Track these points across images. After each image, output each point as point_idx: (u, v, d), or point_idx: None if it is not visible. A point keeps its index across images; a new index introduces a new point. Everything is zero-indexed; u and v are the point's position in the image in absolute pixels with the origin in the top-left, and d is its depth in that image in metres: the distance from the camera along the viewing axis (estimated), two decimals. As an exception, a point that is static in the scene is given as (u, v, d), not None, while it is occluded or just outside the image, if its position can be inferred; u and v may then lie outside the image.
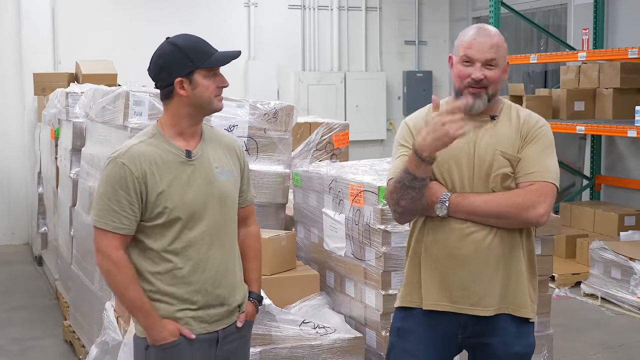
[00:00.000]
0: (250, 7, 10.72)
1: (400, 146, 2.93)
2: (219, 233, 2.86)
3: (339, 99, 11.17)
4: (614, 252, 6.75)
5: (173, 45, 2.79)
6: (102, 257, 2.77)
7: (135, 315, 2.81)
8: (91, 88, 5.51)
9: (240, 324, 2.95)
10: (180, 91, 2.76)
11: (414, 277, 2.94)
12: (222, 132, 3.05)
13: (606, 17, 8.72)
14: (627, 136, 6.68)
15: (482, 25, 2.92)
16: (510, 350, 2.89)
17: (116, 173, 2.73)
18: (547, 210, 2.79)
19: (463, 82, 2.82)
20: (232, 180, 2.94)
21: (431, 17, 11.80)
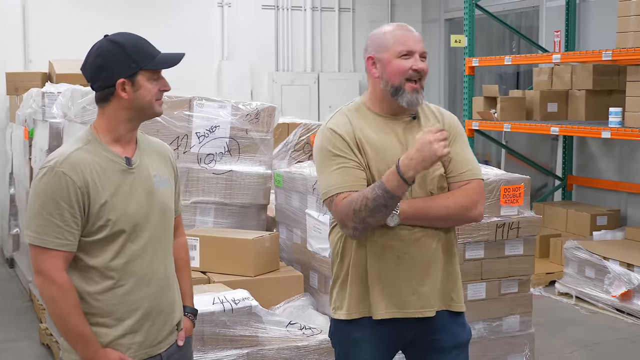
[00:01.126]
0: (224, 7, 10.67)
1: (335, 156, 2.78)
2: (160, 245, 2.67)
3: (313, 100, 11.17)
4: (588, 251, 6.83)
5: (114, 43, 2.57)
6: (44, 281, 2.47)
7: (74, 344, 2.52)
8: (69, 88, 5.46)
9: (181, 343, 2.76)
10: (121, 93, 2.53)
11: (360, 286, 2.86)
12: (152, 138, 2.84)
13: (577, 19, 8.82)
14: (601, 137, 6.76)
15: (395, 24, 2.91)
16: (458, 340, 2.95)
17: (56, 183, 2.46)
18: (483, 207, 2.88)
19: (404, 76, 2.77)
20: (169, 190, 2.74)
21: (404, 19, 11.84)
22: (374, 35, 2.90)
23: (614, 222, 7.93)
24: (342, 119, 2.87)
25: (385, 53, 2.81)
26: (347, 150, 2.78)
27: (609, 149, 8.47)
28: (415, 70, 2.77)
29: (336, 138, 2.80)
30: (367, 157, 2.79)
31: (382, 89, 2.83)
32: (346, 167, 2.76)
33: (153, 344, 2.64)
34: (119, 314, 2.56)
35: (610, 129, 6.66)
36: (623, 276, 6.44)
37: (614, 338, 5.98)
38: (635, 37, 6.47)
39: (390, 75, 2.79)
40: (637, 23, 6.46)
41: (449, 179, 2.87)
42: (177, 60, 2.64)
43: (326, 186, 2.80)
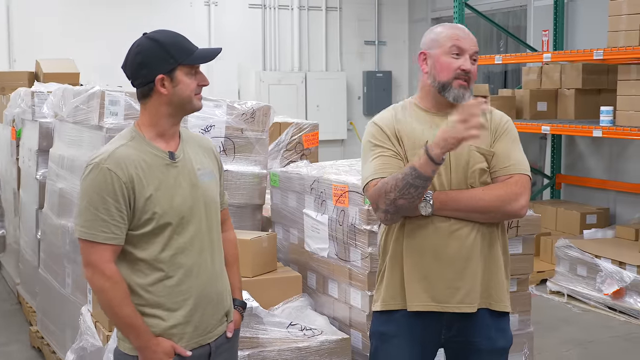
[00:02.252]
0: (211, 6, 10.64)
1: (374, 146, 2.86)
2: (207, 238, 2.74)
3: (300, 99, 11.15)
4: (579, 250, 6.85)
5: (153, 40, 2.63)
6: (94, 273, 2.57)
7: (127, 334, 2.62)
8: (60, 87, 5.38)
9: (230, 334, 2.83)
10: (160, 89, 2.61)
11: (396, 279, 2.89)
12: (196, 133, 2.92)
13: (566, 18, 8.85)
14: (592, 136, 6.77)
15: (450, 24, 2.94)
16: (494, 345, 2.92)
17: (101, 179, 2.55)
18: (527, 202, 2.85)
19: (452, 74, 2.79)
20: (214, 182, 2.83)
21: (391, 18, 11.85)
22: (429, 33, 2.94)
23: (603, 220, 7.96)
24: (387, 113, 2.96)
25: (436, 49, 2.85)
26: (386, 140, 2.84)
27: (598, 148, 8.49)
28: (464, 70, 2.79)
29: (376, 130, 2.89)
30: (404, 147, 2.84)
31: (430, 85, 2.87)
32: (383, 155, 2.82)
33: (203, 334, 2.71)
34: (169, 305, 2.63)
35: (601, 128, 6.67)
36: (615, 274, 6.45)
37: (607, 336, 5.99)
38: (626, 36, 6.49)
39: (438, 71, 2.83)
40: (628, 22, 6.48)
41: (491, 174, 2.86)
42: (214, 55, 2.71)
43: (365, 175, 2.86)
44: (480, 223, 2.85)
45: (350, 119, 11.63)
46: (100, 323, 4.15)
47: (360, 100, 11.73)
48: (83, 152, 4.74)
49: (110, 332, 3.99)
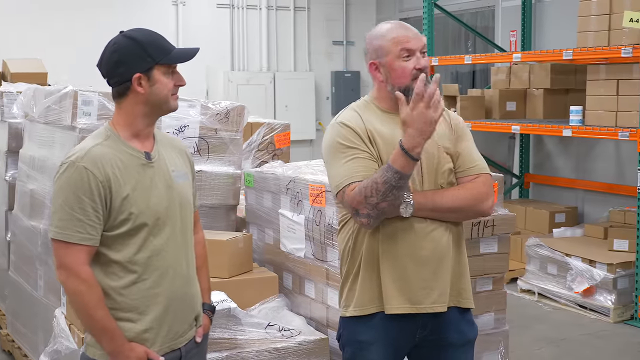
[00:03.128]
0: (179, 6, 10.57)
1: (347, 148, 2.78)
2: (181, 240, 2.69)
3: (269, 99, 11.13)
4: (550, 248, 6.91)
5: (130, 39, 2.60)
6: (69, 275, 2.49)
7: (100, 338, 2.55)
8: (30, 87, 5.31)
9: (199, 339, 2.78)
10: (137, 88, 2.57)
11: (373, 282, 2.85)
12: (169, 134, 2.88)
13: (533, 19, 8.93)
14: (562, 135, 6.84)
15: (389, 22, 2.91)
16: (466, 338, 2.96)
17: (77, 178, 2.49)
18: (494, 200, 2.91)
19: (409, 77, 2.77)
20: (187, 184, 2.79)
21: (359, 18, 11.87)
22: (372, 39, 2.88)
23: (571, 219, 8.04)
24: (352, 113, 2.89)
25: (386, 57, 2.81)
26: (359, 141, 2.79)
27: (566, 147, 8.58)
28: (419, 69, 2.78)
29: (348, 131, 2.81)
30: (378, 148, 2.80)
31: (389, 92, 2.84)
32: (358, 158, 2.77)
33: (175, 338, 2.67)
34: (142, 308, 2.58)
35: (571, 127, 6.74)
36: (585, 272, 6.52)
37: (578, 334, 6.05)
38: (595, 36, 6.56)
39: (395, 79, 2.80)
40: (597, 23, 6.55)
41: (457, 174, 2.89)
42: (192, 55, 2.67)
43: (338, 178, 2.79)
44: (450, 223, 2.87)
45: (319, 119, 11.63)
46: (74, 325, 4.09)
47: (328, 101, 11.74)
48: (55, 152, 4.68)
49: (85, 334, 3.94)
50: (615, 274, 6.39)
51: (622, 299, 6.41)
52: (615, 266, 6.40)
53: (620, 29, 6.29)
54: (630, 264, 6.44)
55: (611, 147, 8.04)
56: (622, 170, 7.93)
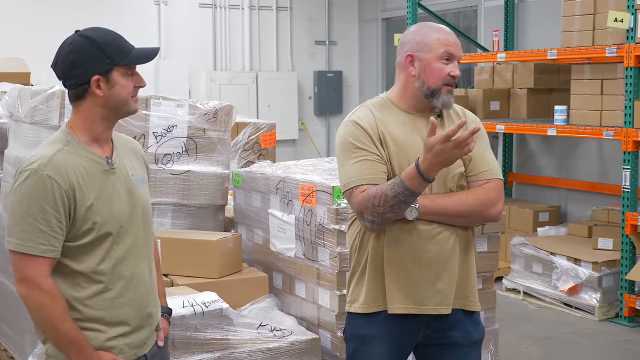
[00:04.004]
0: (160, 5, 10.51)
1: (357, 149, 2.80)
2: (144, 246, 2.62)
3: (251, 99, 11.10)
4: (534, 247, 6.94)
5: (87, 39, 2.48)
6: (31, 288, 2.38)
7: (68, 351, 2.45)
8: (15, 87, 5.26)
9: (161, 343, 2.73)
10: (96, 90, 2.45)
11: (377, 281, 2.87)
12: (122, 135, 2.79)
13: (516, 19, 8.97)
14: (547, 134, 6.87)
15: (437, 24, 2.91)
16: (471, 338, 2.97)
17: (40, 187, 2.36)
18: (503, 206, 2.90)
19: (442, 80, 2.78)
20: (146, 188, 2.71)
21: (341, 18, 11.87)
22: (414, 33, 2.87)
23: (555, 218, 8.08)
24: (366, 112, 2.89)
25: (427, 54, 2.81)
26: (369, 143, 2.79)
27: (549, 147, 8.62)
28: (453, 77, 2.79)
29: (359, 131, 2.82)
30: (388, 150, 2.80)
31: (416, 88, 2.83)
32: (367, 160, 2.78)
33: (141, 345, 2.61)
34: (108, 318, 2.51)
35: (556, 127, 6.77)
36: (570, 271, 6.55)
37: (564, 332, 6.08)
38: (579, 36, 6.60)
39: (428, 76, 2.79)
40: (581, 23, 6.59)
41: (468, 177, 2.87)
42: (153, 55, 2.57)
43: (346, 178, 2.81)
44: (458, 227, 2.86)
45: (302, 118, 11.61)
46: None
47: (311, 100, 11.72)
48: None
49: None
50: (600, 272, 6.43)
51: (607, 297, 6.45)
52: (600, 264, 6.44)
53: (605, 28, 6.33)
54: (615, 262, 6.48)
55: (594, 146, 8.09)
56: (605, 169, 7.98)
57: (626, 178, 6.19)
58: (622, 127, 6.21)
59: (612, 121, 6.48)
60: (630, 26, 5.99)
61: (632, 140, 6.09)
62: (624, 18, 5.96)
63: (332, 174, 4.33)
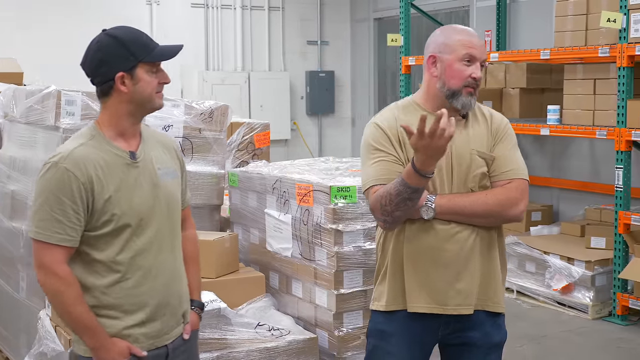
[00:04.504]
0: (153, 5, 10.50)
1: (375, 150, 2.85)
2: (168, 238, 2.69)
3: (244, 99, 11.10)
4: (528, 246, 6.97)
5: (112, 37, 2.59)
6: (47, 274, 2.51)
7: (81, 335, 2.57)
8: (10, 87, 5.26)
9: (187, 336, 2.79)
10: (120, 87, 2.56)
11: (397, 280, 2.90)
12: (157, 130, 2.89)
13: (508, 19, 9.00)
14: (539, 134, 6.90)
15: (462, 26, 2.94)
16: (491, 341, 2.97)
17: (59, 179, 2.49)
18: (525, 206, 2.89)
19: (463, 82, 2.80)
20: (175, 182, 2.78)
21: (333, 18, 11.88)
22: (439, 35, 2.90)
23: (547, 217, 8.11)
24: (389, 114, 2.93)
25: (449, 55, 2.83)
26: (388, 144, 2.84)
27: (541, 146, 8.65)
28: (474, 79, 2.81)
29: (379, 132, 2.87)
30: (407, 152, 2.82)
31: (438, 89, 2.86)
32: (384, 161, 2.82)
33: (159, 335, 2.67)
34: (126, 307, 2.59)
35: (549, 126, 6.80)
36: (564, 270, 6.58)
37: (558, 331, 6.11)
38: (572, 36, 6.62)
39: (449, 77, 2.82)
40: (574, 23, 6.62)
41: (491, 178, 2.88)
42: (176, 52, 2.67)
43: (365, 179, 2.87)
44: (480, 226, 2.86)
45: (294, 118, 11.62)
46: (60, 327, 4.05)
47: (303, 100, 11.73)
48: (37, 153, 4.63)
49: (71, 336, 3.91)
50: (594, 271, 6.46)
51: (600, 296, 6.48)
52: (593, 263, 6.47)
53: (597, 29, 6.36)
54: (608, 261, 6.52)
55: (586, 146, 8.13)
56: (597, 169, 8.02)
57: (619, 177, 6.22)
58: (615, 126, 6.25)
59: (604, 121, 6.52)
60: (623, 26, 6.02)
61: (625, 140, 6.12)
62: (616, 18, 5.99)
63: (329, 173, 4.34)
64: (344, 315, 4.01)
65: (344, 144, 12.09)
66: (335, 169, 4.53)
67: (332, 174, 4.31)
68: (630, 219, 6.11)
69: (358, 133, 12.08)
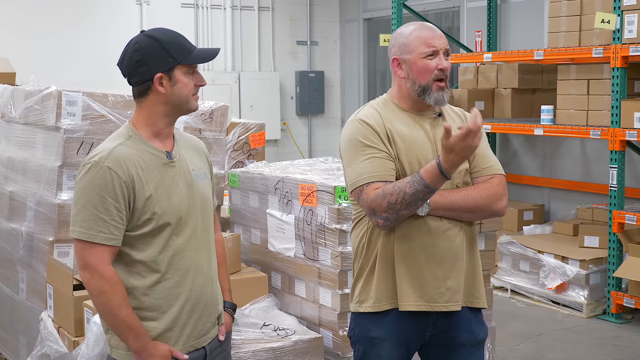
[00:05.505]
0: (142, 5, 10.46)
1: (365, 146, 2.82)
2: (203, 239, 2.73)
3: (234, 99, 11.08)
4: (522, 245, 7.01)
5: (152, 38, 2.61)
6: (92, 275, 2.51)
7: (125, 337, 2.57)
8: (7, 88, 5.23)
9: (222, 337, 2.82)
10: (158, 88, 2.59)
11: (388, 279, 2.87)
12: (187, 134, 2.92)
13: (498, 20, 9.04)
14: (533, 134, 6.94)
15: (418, 22, 2.96)
16: (476, 338, 2.99)
17: (101, 178, 2.51)
18: (507, 201, 2.95)
19: (431, 77, 2.82)
20: (207, 184, 2.82)
21: (322, 18, 11.89)
22: (398, 36, 2.93)
23: (539, 217, 8.16)
24: (371, 111, 2.91)
25: (409, 54, 2.85)
26: (378, 140, 2.82)
27: (532, 146, 8.70)
28: (441, 70, 2.83)
29: (367, 128, 2.84)
30: (397, 148, 2.83)
31: (409, 88, 2.88)
32: (377, 157, 2.80)
33: (198, 337, 2.69)
34: (166, 307, 2.61)
35: (542, 126, 6.84)
36: (558, 269, 6.63)
37: (554, 329, 6.15)
38: (566, 37, 6.67)
39: (416, 75, 2.84)
40: (567, 24, 6.66)
41: (472, 174, 2.93)
42: (214, 55, 2.69)
43: (356, 176, 2.82)
44: (464, 223, 2.90)
45: (284, 119, 11.62)
46: (63, 329, 4.04)
47: (293, 100, 11.73)
48: (37, 153, 4.61)
49: (77, 337, 3.90)
50: (588, 270, 6.51)
51: (594, 294, 6.53)
52: (587, 262, 6.52)
53: (591, 29, 6.41)
54: (602, 260, 6.57)
55: (577, 146, 8.18)
56: (588, 168, 8.08)
57: (613, 177, 6.27)
58: (609, 126, 6.30)
59: (598, 121, 6.57)
60: (617, 27, 6.07)
61: (619, 140, 6.17)
62: (610, 19, 6.04)
63: (331, 173, 4.35)
64: (347, 314, 4.01)
65: (333, 145, 12.10)
66: (337, 169, 4.54)
67: (334, 174, 4.32)
68: (625, 218, 6.16)
69: (347, 133, 12.08)
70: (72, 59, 9.82)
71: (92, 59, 9.90)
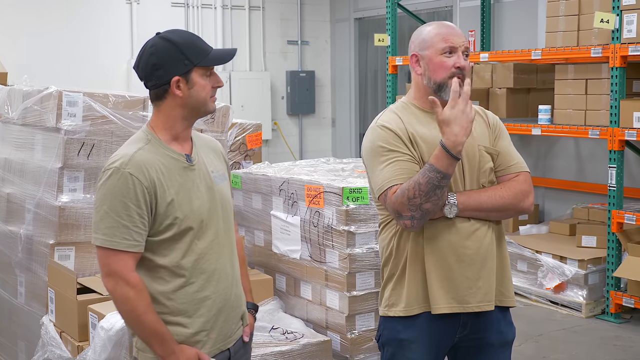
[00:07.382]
0: (132, 4, 10.38)
1: (388, 151, 2.80)
2: (225, 241, 2.70)
3: (225, 99, 11.00)
4: (519, 245, 6.98)
5: (167, 41, 2.56)
6: (117, 282, 2.48)
7: (151, 343, 2.54)
8: (4, 88, 5.14)
9: (247, 338, 2.80)
10: (175, 91, 2.55)
11: (418, 282, 2.85)
12: (203, 134, 2.89)
13: (492, 20, 9.03)
14: (531, 134, 6.92)
15: (440, 22, 2.96)
16: (505, 339, 2.97)
17: (123, 184, 2.47)
18: (533, 198, 2.94)
19: (447, 74, 2.81)
20: (227, 185, 2.78)
21: (313, 18, 11.85)
22: (418, 33, 2.93)
23: (534, 217, 8.15)
24: (392, 116, 2.90)
25: (428, 50, 2.85)
26: (400, 144, 2.81)
27: (526, 146, 8.69)
28: (458, 68, 2.81)
29: (388, 134, 2.82)
30: (420, 150, 2.82)
31: (425, 85, 2.88)
32: (399, 160, 2.78)
33: (224, 339, 2.67)
34: (192, 312, 2.58)
35: (540, 126, 6.83)
36: (556, 269, 6.61)
37: (554, 329, 6.13)
38: (564, 36, 6.66)
39: (433, 71, 2.83)
40: (565, 23, 6.65)
41: (497, 172, 2.92)
42: (231, 56, 2.65)
43: (380, 181, 2.80)
44: (492, 222, 2.88)
45: (275, 118, 11.57)
46: (66, 333, 3.97)
47: (284, 100, 11.68)
48: (36, 155, 4.53)
49: (81, 342, 3.83)
50: (587, 270, 6.50)
51: (593, 294, 6.53)
52: (586, 262, 6.51)
53: (590, 29, 6.40)
54: (600, 259, 6.56)
55: (571, 146, 8.18)
56: (582, 168, 8.08)
57: (612, 177, 6.26)
58: (607, 126, 6.29)
59: (596, 120, 6.56)
60: (616, 27, 6.06)
61: (618, 140, 6.16)
62: (609, 19, 6.03)
63: (337, 174, 4.31)
64: (356, 317, 3.98)
65: (324, 145, 12.07)
66: (341, 170, 4.50)
67: (340, 175, 4.28)
68: (624, 218, 6.15)
69: (338, 133, 12.06)
70: (63, 58, 9.73)
71: (82, 58, 9.82)
